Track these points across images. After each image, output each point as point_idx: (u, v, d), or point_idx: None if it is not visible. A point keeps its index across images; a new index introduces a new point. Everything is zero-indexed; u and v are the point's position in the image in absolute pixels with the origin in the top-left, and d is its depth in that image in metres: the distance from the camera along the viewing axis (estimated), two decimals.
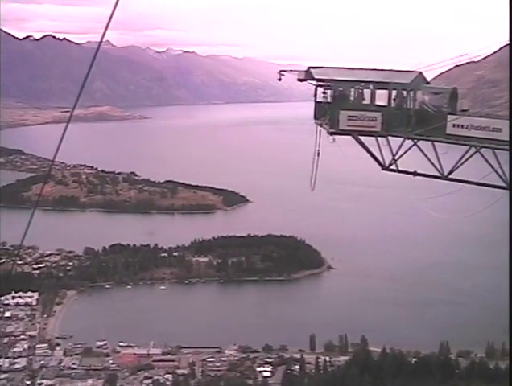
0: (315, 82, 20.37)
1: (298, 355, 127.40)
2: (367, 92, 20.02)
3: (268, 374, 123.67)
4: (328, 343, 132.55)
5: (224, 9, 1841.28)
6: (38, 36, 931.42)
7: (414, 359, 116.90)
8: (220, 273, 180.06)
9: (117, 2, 12.05)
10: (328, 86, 20.20)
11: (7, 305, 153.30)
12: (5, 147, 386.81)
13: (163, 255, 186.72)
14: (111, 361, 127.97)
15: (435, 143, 18.75)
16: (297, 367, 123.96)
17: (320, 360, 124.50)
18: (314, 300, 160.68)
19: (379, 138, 19.63)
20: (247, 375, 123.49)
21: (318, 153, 20.71)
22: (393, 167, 19.52)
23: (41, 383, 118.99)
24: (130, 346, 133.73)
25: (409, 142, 19.17)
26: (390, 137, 19.45)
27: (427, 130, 18.57)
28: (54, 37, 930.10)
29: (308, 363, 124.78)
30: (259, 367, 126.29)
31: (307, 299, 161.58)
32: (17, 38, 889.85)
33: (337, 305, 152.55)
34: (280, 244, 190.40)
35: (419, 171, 19.70)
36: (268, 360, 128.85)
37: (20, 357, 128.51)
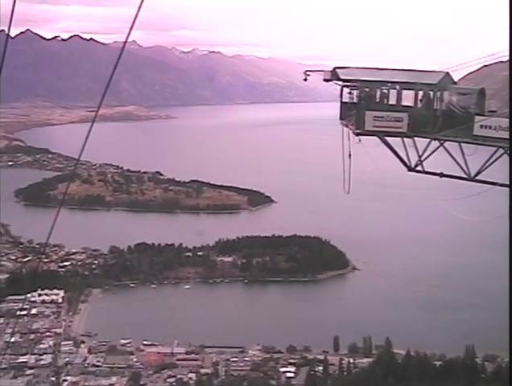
0: (341, 82, 20.21)
1: (321, 356, 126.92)
2: (393, 93, 19.85)
3: (291, 375, 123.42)
4: (351, 345, 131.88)
5: (249, 9, 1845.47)
6: (65, 36, 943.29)
7: (439, 363, 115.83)
8: (245, 272, 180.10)
9: (141, 3, 12.05)
10: (354, 86, 20.06)
11: (33, 302, 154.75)
12: (32, 146, 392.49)
13: (187, 254, 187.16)
14: (135, 359, 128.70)
15: (462, 144, 18.52)
16: (320, 368, 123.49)
17: (343, 362, 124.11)
18: (338, 301, 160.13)
19: (405, 139, 19.45)
20: (270, 375, 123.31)
21: (350, 155, 20.62)
22: (419, 168, 19.32)
23: (66, 380, 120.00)
24: (154, 345, 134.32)
25: (435, 143, 18.97)
26: (416, 138, 19.26)
27: (454, 131, 18.36)
28: (81, 37, 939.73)
29: (332, 364, 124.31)
30: (283, 367, 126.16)
31: (331, 300, 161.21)
32: (45, 38, 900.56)
33: (361, 306, 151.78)
34: (305, 245, 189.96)
35: (445, 173, 19.48)
36: (291, 361, 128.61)
37: (46, 354, 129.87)
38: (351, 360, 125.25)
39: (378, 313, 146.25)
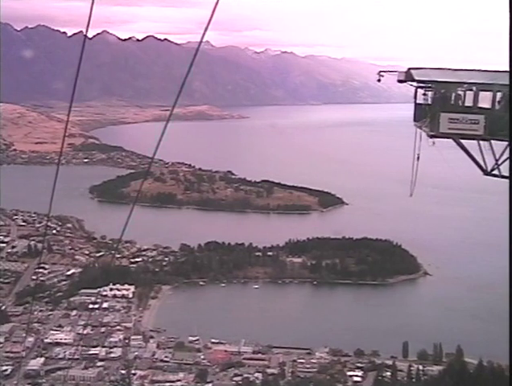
0: (415, 83, 19.77)
1: (390, 362, 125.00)
2: (469, 94, 19.28)
3: (359, 379, 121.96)
4: (421, 352, 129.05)
5: (322, 9, 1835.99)
6: (140, 37, 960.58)
7: None
8: (314, 274, 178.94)
9: (216, 4, 12.03)
10: (429, 87, 19.57)
11: (105, 296, 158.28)
12: (107, 144, 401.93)
13: (257, 254, 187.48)
14: (202, 357, 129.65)
15: None
16: (388, 373, 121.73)
17: (412, 368, 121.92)
18: (408, 306, 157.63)
19: (481, 142, 18.87)
20: (337, 378, 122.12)
21: (418, 157, 20.18)
22: (495, 172, 18.73)
23: (135, 374, 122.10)
24: (222, 343, 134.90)
25: None
26: (493, 141, 18.66)
27: None
28: (155, 38, 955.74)
29: (400, 370, 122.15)
30: (350, 371, 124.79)
31: (401, 305, 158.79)
32: (120, 39, 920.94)
33: (432, 312, 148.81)
34: (375, 248, 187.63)
35: None
36: (359, 365, 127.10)
37: (116, 347, 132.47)
38: (420, 367, 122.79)
39: (450, 320, 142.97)
